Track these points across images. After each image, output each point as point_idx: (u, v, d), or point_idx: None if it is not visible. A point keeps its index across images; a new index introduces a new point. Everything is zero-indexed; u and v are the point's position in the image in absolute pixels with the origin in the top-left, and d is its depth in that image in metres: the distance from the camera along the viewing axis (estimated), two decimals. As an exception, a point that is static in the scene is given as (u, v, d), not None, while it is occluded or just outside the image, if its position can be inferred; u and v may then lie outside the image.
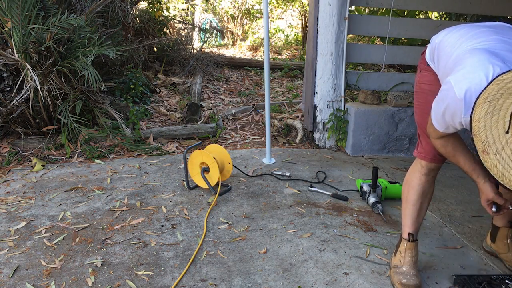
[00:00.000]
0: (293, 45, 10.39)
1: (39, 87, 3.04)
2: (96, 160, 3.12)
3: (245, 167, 3.02)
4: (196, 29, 8.69)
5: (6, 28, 3.14)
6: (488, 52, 1.33)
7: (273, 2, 10.51)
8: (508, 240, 1.92)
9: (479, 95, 1.20)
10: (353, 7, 5.01)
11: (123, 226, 2.18)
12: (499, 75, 1.19)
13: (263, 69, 3.11)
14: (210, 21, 10.07)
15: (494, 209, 1.48)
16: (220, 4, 10.53)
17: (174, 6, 7.59)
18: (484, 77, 1.25)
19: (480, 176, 1.48)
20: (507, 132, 1.11)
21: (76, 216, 2.29)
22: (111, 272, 1.81)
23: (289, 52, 9.48)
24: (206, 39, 9.14)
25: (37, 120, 3.36)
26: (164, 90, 5.18)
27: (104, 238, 2.06)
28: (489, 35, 1.44)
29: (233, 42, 10.39)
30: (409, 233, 1.78)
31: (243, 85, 6.13)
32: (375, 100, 3.43)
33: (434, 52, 1.61)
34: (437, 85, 1.60)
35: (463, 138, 1.56)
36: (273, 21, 11.05)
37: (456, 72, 1.35)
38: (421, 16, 6.13)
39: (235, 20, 10.51)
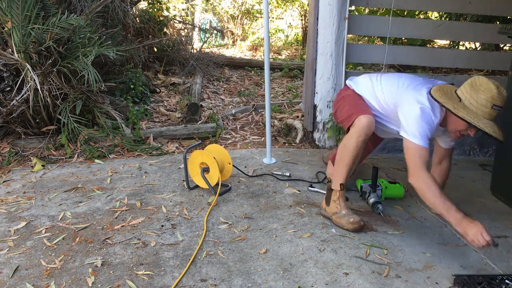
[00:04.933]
0: (293, 45, 10.38)
1: (39, 87, 3.04)
2: (96, 160, 3.12)
3: (245, 167, 3.02)
4: (196, 29, 8.68)
5: (6, 28, 3.14)
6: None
7: (273, 2, 10.50)
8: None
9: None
10: (353, 7, 5.01)
11: (123, 226, 2.18)
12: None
13: (263, 69, 3.11)
14: (210, 21, 10.06)
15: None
16: (220, 4, 10.52)
17: (174, 6, 7.58)
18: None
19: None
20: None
21: (76, 216, 2.29)
22: (111, 272, 1.81)
23: (289, 52, 9.47)
24: (206, 39, 9.12)
25: (37, 120, 3.36)
26: (164, 90, 5.17)
27: (104, 238, 2.06)
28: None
29: (233, 42, 10.38)
30: (340, 184, 2.18)
31: (243, 85, 6.13)
32: (375, 100, 3.42)
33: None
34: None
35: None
36: (273, 21, 11.03)
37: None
38: (421, 16, 6.13)
39: (235, 20, 10.50)
